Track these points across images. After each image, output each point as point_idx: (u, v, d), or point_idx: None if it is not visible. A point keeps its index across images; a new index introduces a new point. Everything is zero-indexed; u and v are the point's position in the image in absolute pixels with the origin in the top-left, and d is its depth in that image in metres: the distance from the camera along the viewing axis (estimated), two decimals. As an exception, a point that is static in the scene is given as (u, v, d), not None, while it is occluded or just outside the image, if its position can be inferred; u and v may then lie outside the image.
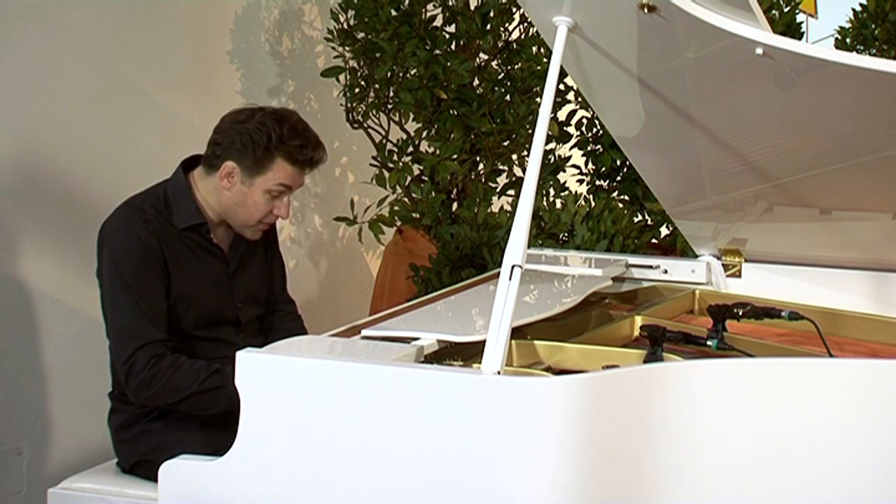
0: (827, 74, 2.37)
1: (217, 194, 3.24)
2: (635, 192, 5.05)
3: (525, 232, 2.26)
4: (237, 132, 3.19)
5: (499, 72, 4.97)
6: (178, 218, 3.23)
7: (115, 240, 3.15)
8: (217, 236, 3.32)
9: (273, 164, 3.19)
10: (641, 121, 2.85)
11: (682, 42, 2.44)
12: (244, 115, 3.23)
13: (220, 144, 3.21)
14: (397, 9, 4.82)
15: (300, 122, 3.26)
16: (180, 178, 3.28)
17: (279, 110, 3.26)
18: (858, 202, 2.95)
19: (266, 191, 3.21)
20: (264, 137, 3.17)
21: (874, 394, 2.18)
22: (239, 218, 3.26)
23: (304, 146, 3.21)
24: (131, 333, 3.09)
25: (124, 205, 3.24)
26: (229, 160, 3.19)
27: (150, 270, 3.14)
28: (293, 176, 3.23)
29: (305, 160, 3.22)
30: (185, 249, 3.23)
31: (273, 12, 5.33)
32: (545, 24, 2.51)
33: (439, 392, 2.13)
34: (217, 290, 3.30)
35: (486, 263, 4.37)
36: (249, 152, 3.17)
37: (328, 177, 5.62)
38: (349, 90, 4.97)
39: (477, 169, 5.00)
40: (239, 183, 3.20)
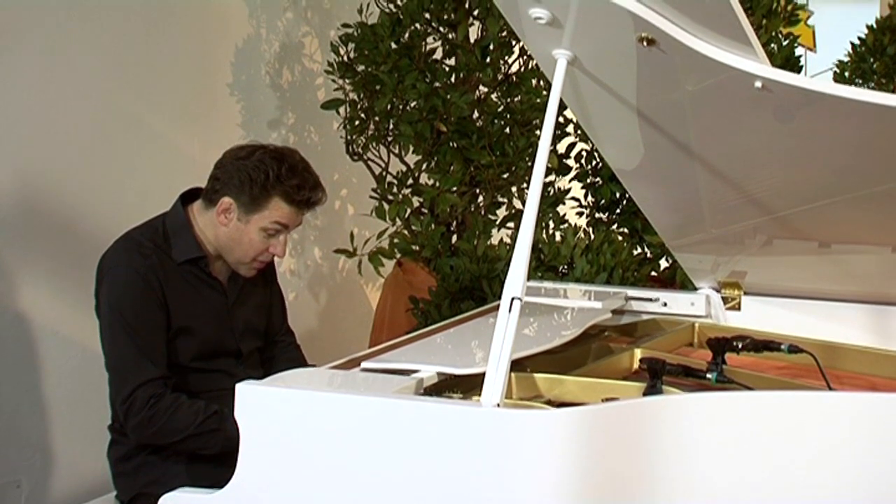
0: (826, 107, 2.37)
1: (214, 229, 3.24)
2: (635, 224, 5.06)
3: (525, 264, 2.26)
4: (236, 168, 3.19)
5: (498, 104, 4.98)
6: (177, 252, 3.23)
7: (113, 275, 3.15)
8: (215, 269, 3.32)
9: (269, 202, 3.19)
10: (641, 153, 2.85)
11: (681, 75, 2.45)
12: (245, 152, 3.23)
13: (220, 179, 3.22)
14: (397, 42, 4.83)
15: (300, 162, 3.26)
16: (179, 211, 3.28)
17: (280, 149, 3.27)
18: (858, 235, 2.94)
19: (262, 228, 3.21)
20: (262, 175, 3.17)
21: (874, 427, 2.17)
22: (234, 254, 3.26)
23: (302, 186, 3.21)
24: (130, 371, 3.08)
25: (123, 238, 3.24)
26: (227, 196, 3.19)
27: (148, 306, 3.13)
28: (290, 215, 3.23)
29: (302, 200, 3.22)
30: (183, 283, 3.23)
31: (273, 45, 5.35)
32: (545, 57, 2.51)
33: (439, 425, 2.13)
34: (217, 322, 3.30)
35: (485, 296, 4.37)
36: (247, 189, 3.17)
37: (328, 209, 5.62)
38: (349, 122, 4.99)
39: (476, 201, 5.00)
40: (235, 219, 3.20)
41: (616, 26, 2.34)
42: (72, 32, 4.29)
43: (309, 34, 5.55)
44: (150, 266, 3.16)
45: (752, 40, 2.30)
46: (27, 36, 4.11)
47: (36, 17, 4.15)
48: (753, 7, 4.74)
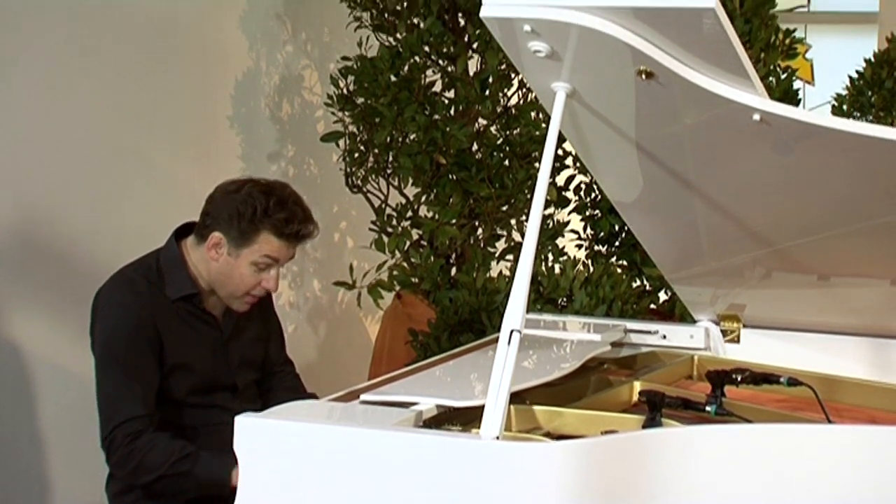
0: (824, 140, 2.38)
1: (206, 264, 3.24)
2: (634, 257, 5.06)
3: (524, 297, 2.26)
4: (225, 203, 3.19)
5: (498, 137, 4.99)
6: (171, 288, 3.23)
7: (106, 313, 3.16)
8: (210, 304, 3.31)
9: (258, 236, 3.18)
10: (640, 186, 2.86)
11: (680, 108, 2.46)
12: (234, 186, 3.23)
13: (210, 214, 3.21)
14: (397, 74, 4.85)
15: (290, 196, 3.24)
16: (172, 246, 3.28)
17: (270, 183, 3.26)
18: (857, 268, 2.95)
19: (252, 263, 3.20)
20: (250, 210, 3.16)
21: (873, 460, 2.17)
22: (226, 289, 3.26)
23: (291, 220, 3.19)
24: (115, 408, 3.09)
25: (117, 275, 3.24)
26: (217, 231, 3.19)
27: (140, 344, 3.14)
28: (280, 249, 3.21)
29: (292, 234, 3.21)
30: (177, 319, 3.23)
31: (273, 78, 5.37)
32: (544, 90, 2.52)
33: (438, 457, 2.13)
34: (212, 357, 3.30)
35: (485, 328, 4.37)
36: (235, 224, 3.17)
37: (327, 241, 5.63)
38: (349, 155, 4.99)
39: (476, 234, 5.01)
40: (226, 254, 3.19)
41: (615, 59, 2.35)
42: (72, 66, 4.30)
43: (308, 67, 5.57)
44: (142, 303, 3.16)
45: (751, 73, 2.31)
46: (28, 69, 4.12)
47: (37, 49, 4.17)
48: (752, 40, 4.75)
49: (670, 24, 2.27)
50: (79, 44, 4.33)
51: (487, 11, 2.38)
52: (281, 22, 5.41)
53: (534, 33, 2.36)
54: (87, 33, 4.38)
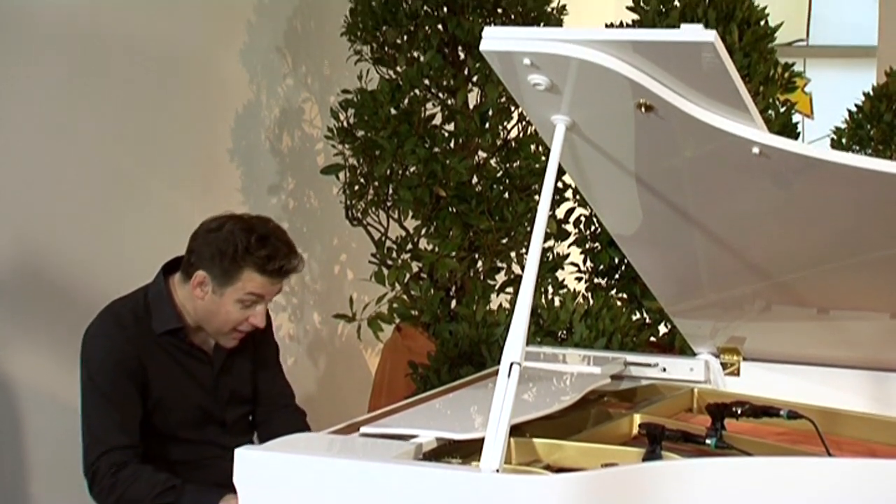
0: (823, 173, 2.38)
1: (192, 302, 3.24)
2: (634, 290, 5.06)
3: (524, 329, 2.26)
4: (207, 242, 3.19)
5: (497, 169, 5.00)
6: (157, 323, 3.23)
7: (91, 346, 3.19)
8: (198, 339, 3.31)
9: (241, 274, 3.18)
10: (639, 218, 2.86)
11: (679, 141, 2.46)
12: (216, 224, 3.22)
13: (193, 253, 3.22)
14: (397, 107, 4.86)
15: (272, 232, 3.23)
16: (160, 282, 3.29)
17: (251, 219, 3.25)
18: (857, 301, 2.95)
19: (238, 300, 3.20)
20: (231, 248, 3.15)
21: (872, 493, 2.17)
22: (213, 326, 3.26)
23: (273, 257, 3.18)
24: (99, 438, 3.11)
25: (105, 309, 3.26)
26: (201, 270, 3.19)
27: (123, 377, 3.15)
28: (264, 286, 3.21)
29: (274, 270, 3.20)
30: (164, 354, 3.23)
31: (274, 111, 5.38)
32: (543, 123, 2.53)
33: (438, 490, 2.12)
34: (201, 392, 3.30)
35: (484, 361, 4.36)
36: (218, 262, 3.17)
37: (327, 274, 5.63)
38: (349, 187, 5.00)
39: (476, 266, 5.01)
40: (210, 292, 3.20)
41: (614, 92, 2.35)
42: (73, 98, 4.32)
43: (309, 100, 5.58)
44: (127, 337, 3.18)
45: (750, 107, 2.32)
46: (29, 102, 4.14)
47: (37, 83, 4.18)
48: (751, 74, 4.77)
49: (669, 58, 2.28)
50: (79, 76, 4.34)
51: (487, 45, 2.39)
52: (281, 55, 5.43)
53: (533, 67, 2.36)
54: (88, 66, 4.39)
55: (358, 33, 4.98)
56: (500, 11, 4.96)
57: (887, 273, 2.71)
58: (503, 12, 4.96)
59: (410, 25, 4.89)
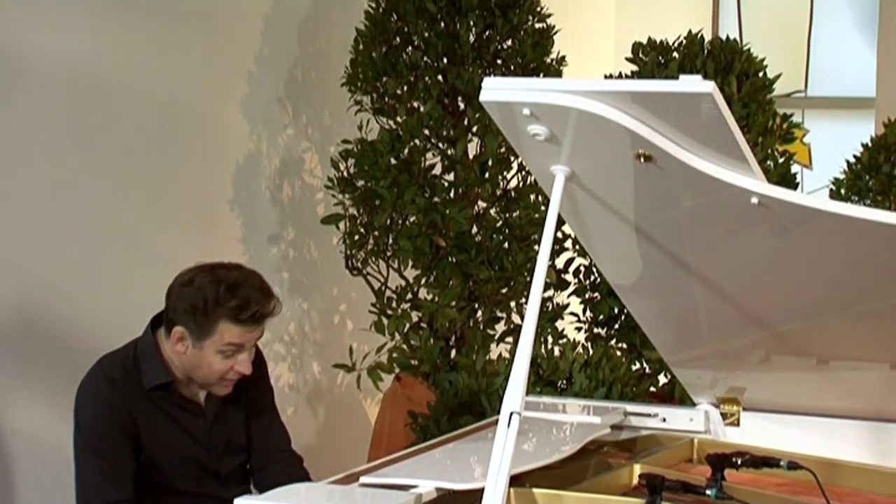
0: (822, 224, 2.39)
1: (176, 356, 3.23)
2: (633, 340, 5.05)
3: (523, 379, 2.26)
4: (181, 297, 3.19)
5: (497, 219, 5.01)
6: (146, 378, 3.23)
7: (82, 402, 3.19)
8: (190, 391, 3.30)
9: (217, 326, 3.16)
10: (639, 268, 2.87)
11: (678, 191, 2.47)
12: (187, 277, 3.21)
13: (170, 308, 3.21)
14: (397, 157, 4.88)
15: (242, 278, 3.20)
16: (149, 336, 3.28)
17: (219, 269, 3.22)
18: (856, 352, 2.94)
19: (218, 352, 3.19)
20: (202, 301, 3.14)
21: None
22: (200, 378, 3.25)
23: (244, 306, 3.16)
24: (93, 494, 3.11)
25: (96, 365, 3.26)
26: (178, 325, 3.19)
27: (114, 432, 3.14)
28: (241, 334, 3.19)
29: (247, 319, 3.18)
30: (154, 409, 3.23)
31: (274, 160, 5.40)
32: (543, 173, 2.54)
33: (437, 540, 2.12)
34: (194, 444, 3.29)
35: (484, 411, 4.36)
36: (191, 317, 3.16)
37: (327, 324, 5.63)
38: (349, 237, 5.01)
39: (475, 316, 5.01)
40: (191, 347, 3.19)
41: (614, 143, 2.36)
42: (73, 148, 4.33)
43: (309, 150, 5.60)
44: (116, 392, 3.18)
45: (749, 157, 2.33)
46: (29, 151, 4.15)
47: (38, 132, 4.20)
48: (750, 125, 4.78)
49: (668, 109, 2.29)
50: (80, 126, 4.36)
51: (487, 95, 2.40)
52: (282, 105, 5.45)
53: (533, 117, 2.38)
54: (89, 115, 4.41)
55: (358, 84, 5.01)
56: (499, 62, 4.98)
57: (887, 324, 2.71)
58: (503, 63, 4.98)
59: (410, 76, 4.91)
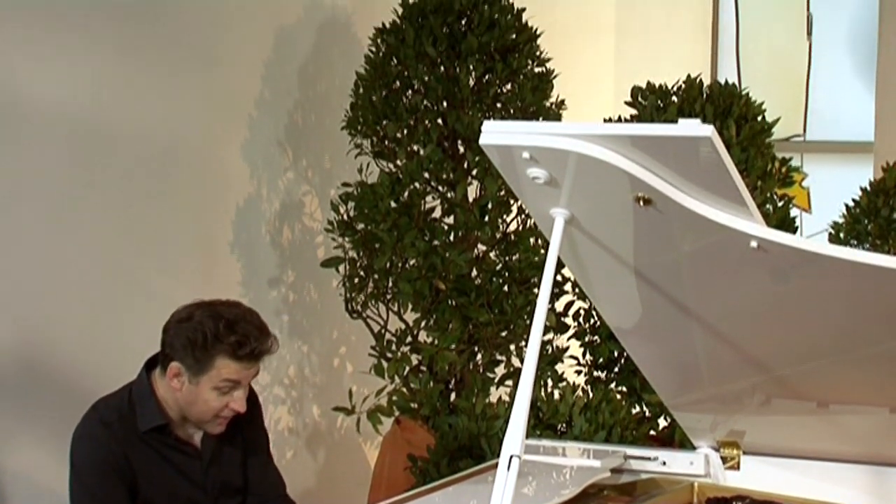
0: (822, 268, 2.39)
1: (172, 394, 3.24)
2: (633, 383, 5.04)
3: (523, 422, 2.26)
4: (177, 332, 3.20)
5: (497, 263, 5.01)
6: (141, 420, 3.23)
7: (77, 447, 3.19)
8: (185, 433, 3.30)
9: (214, 362, 3.17)
10: (638, 312, 2.87)
11: (677, 234, 2.47)
12: (185, 313, 3.23)
13: (167, 344, 3.22)
14: (397, 200, 4.88)
15: (241, 315, 3.22)
16: (143, 378, 3.29)
17: (218, 306, 3.24)
18: (856, 396, 2.94)
19: (214, 388, 3.19)
20: (200, 337, 3.15)
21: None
22: (195, 415, 3.25)
23: (243, 343, 3.17)
24: None
25: (90, 409, 3.27)
26: (174, 361, 3.20)
27: (110, 476, 3.15)
28: (238, 371, 3.20)
29: (245, 355, 3.19)
30: (150, 451, 3.23)
31: (274, 204, 5.41)
32: (542, 216, 2.54)
33: (436, 584, 2.11)
34: (190, 486, 3.29)
35: (484, 454, 4.35)
36: (190, 352, 3.17)
37: (326, 367, 5.63)
38: (348, 280, 5.01)
39: (475, 359, 5.01)
40: (187, 382, 3.19)
41: (613, 186, 2.37)
42: (74, 191, 4.34)
43: (309, 193, 5.61)
44: (111, 435, 3.18)
45: (748, 201, 2.33)
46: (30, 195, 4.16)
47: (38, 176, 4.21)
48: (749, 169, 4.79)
49: (667, 152, 2.30)
50: (81, 167, 4.38)
51: (486, 139, 2.41)
52: (282, 149, 5.47)
53: (532, 160, 2.38)
54: (90, 157, 4.42)
55: (358, 127, 5.02)
56: (499, 106, 5.00)
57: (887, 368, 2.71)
58: (502, 107, 5.00)
59: (410, 119, 4.93)
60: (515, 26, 4.98)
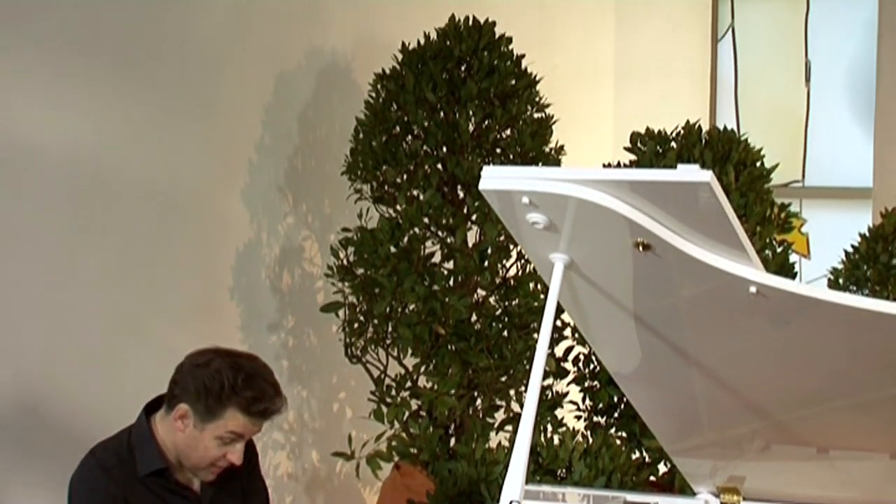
0: (821, 313, 2.39)
1: (172, 434, 3.23)
2: (633, 428, 5.03)
3: (523, 467, 2.26)
4: (193, 376, 3.19)
5: (496, 308, 5.01)
6: (141, 464, 3.22)
7: (76, 490, 3.19)
8: (185, 477, 3.30)
9: (225, 412, 3.17)
10: (638, 357, 2.87)
11: (677, 279, 2.48)
12: (203, 359, 3.23)
13: (178, 384, 3.22)
14: (396, 245, 4.89)
15: (259, 372, 3.23)
16: (143, 422, 3.28)
17: (238, 358, 3.25)
18: (856, 441, 2.94)
19: (217, 437, 3.19)
20: (217, 385, 3.16)
21: None
22: (191, 460, 3.25)
23: (259, 399, 3.18)
24: None
25: (89, 453, 3.26)
26: (184, 403, 3.19)
27: None
28: (245, 426, 3.20)
29: (258, 412, 3.20)
30: (150, 496, 3.22)
31: (274, 249, 5.41)
32: (542, 261, 2.55)
33: None
34: None
35: (484, 500, 4.34)
36: (203, 398, 3.16)
37: (326, 412, 5.62)
38: (348, 325, 5.01)
39: (475, 404, 5.00)
40: (192, 426, 3.19)
41: (612, 231, 2.38)
42: (74, 234, 4.35)
43: (309, 238, 5.62)
44: (111, 479, 3.17)
45: (747, 246, 2.34)
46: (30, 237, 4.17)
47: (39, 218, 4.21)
48: (748, 214, 4.80)
49: (667, 197, 2.31)
50: (81, 212, 4.38)
51: (486, 184, 2.41)
52: (282, 194, 5.48)
53: (532, 205, 2.39)
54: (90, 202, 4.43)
55: (358, 172, 5.03)
56: (498, 151, 5.01)
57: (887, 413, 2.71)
58: (502, 152, 5.01)
59: (410, 165, 4.94)
60: (515, 72, 5.00)
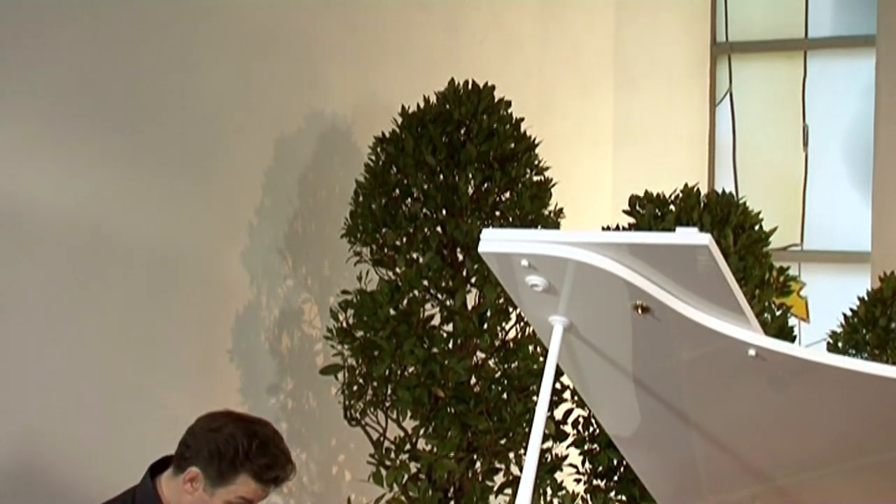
0: (820, 376, 2.40)
1: (179, 496, 3.22)
2: (633, 492, 5.01)
3: (523, 531, 2.25)
4: (206, 440, 3.19)
5: (496, 370, 5.01)
6: None
7: None
8: None
9: (237, 478, 3.17)
10: (637, 420, 2.87)
11: (676, 342, 2.48)
12: (217, 423, 3.23)
13: (189, 447, 3.22)
14: (396, 308, 4.89)
15: (272, 438, 3.24)
16: (147, 483, 3.28)
17: (252, 423, 3.25)
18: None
19: (227, 502, 3.19)
20: (231, 451, 3.15)
21: None
22: None
23: (272, 466, 3.19)
24: None
25: None
26: (195, 466, 3.19)
27: None
28: (256, 492, 3.21)
29: (270, 479, 3.20)
30: None
31: (273, 311, 5.41)
32: (541, 324, 2.55)
33: None
34: None
35: (482, 564, 4.32)
36: (215, 463, 3.16)
37: (325, 475, 5.59)
38: (347, 388, 5.00)
39: (474, 467, 4.98)
40: (202, 490, 3.19)
41: (611, 294, 2.38)
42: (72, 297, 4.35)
43: (309, 301, 5.62)
44: None
45: (746, 309, 2.35)
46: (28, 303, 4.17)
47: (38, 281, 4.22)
48: (746, 277, 4.81)
49: (665, 260, 2.32)
50: (79, 275, 4.38)
51: (485, 247, 2.42)
52: (282, 257, 5.49)
53: (531, 268, 2.40)
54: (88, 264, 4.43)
55: (358, 235, 5.04)
56: (498, 214, 5.02)
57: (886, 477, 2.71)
58: (501, 215, 5.03)
59: (410, 227, 4.95)
60: (514, 135, 5.02)
